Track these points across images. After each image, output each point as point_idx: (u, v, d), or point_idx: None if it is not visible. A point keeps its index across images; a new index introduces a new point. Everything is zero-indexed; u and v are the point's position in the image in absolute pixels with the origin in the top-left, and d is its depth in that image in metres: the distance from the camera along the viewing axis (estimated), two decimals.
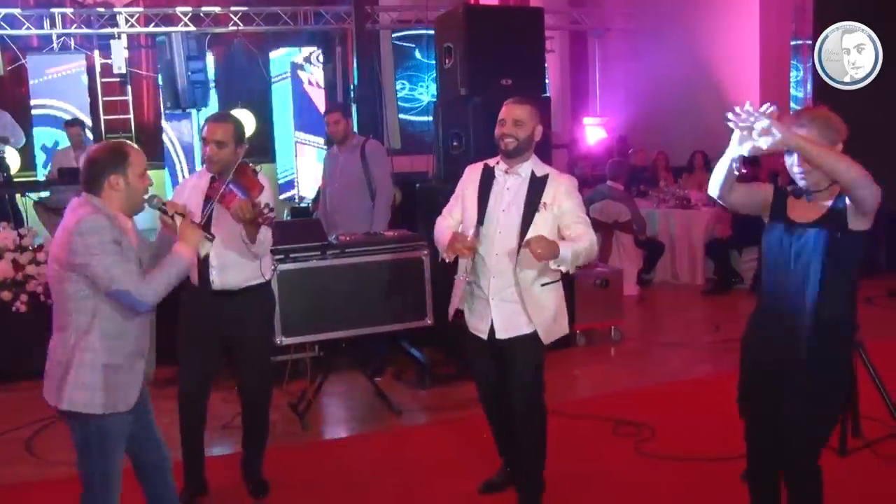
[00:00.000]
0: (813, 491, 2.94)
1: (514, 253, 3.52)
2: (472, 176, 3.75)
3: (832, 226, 2.79)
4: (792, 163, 2.82)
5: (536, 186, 3.58)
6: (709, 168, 9.35)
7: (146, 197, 2.92)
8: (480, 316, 3.68)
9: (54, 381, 2.87)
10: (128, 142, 3.13)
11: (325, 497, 4.03)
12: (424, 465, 4.40)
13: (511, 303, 3.59)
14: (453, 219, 3.77)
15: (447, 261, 3.55)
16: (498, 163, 3.68)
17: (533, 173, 3.61)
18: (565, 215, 3.54)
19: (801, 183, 2.84)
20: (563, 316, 3.70)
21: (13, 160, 9.76)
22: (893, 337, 6.37)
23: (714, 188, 2.92)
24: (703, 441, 4.39)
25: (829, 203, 2.81)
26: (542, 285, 3.59)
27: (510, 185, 3.62)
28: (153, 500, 3.20)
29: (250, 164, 3.76)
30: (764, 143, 2.63)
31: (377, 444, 4.75)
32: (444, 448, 4.63)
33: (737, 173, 2.82)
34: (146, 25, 10.89)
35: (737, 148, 2.71)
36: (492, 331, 3.63)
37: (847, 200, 2.75)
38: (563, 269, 3.41)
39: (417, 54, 12.43)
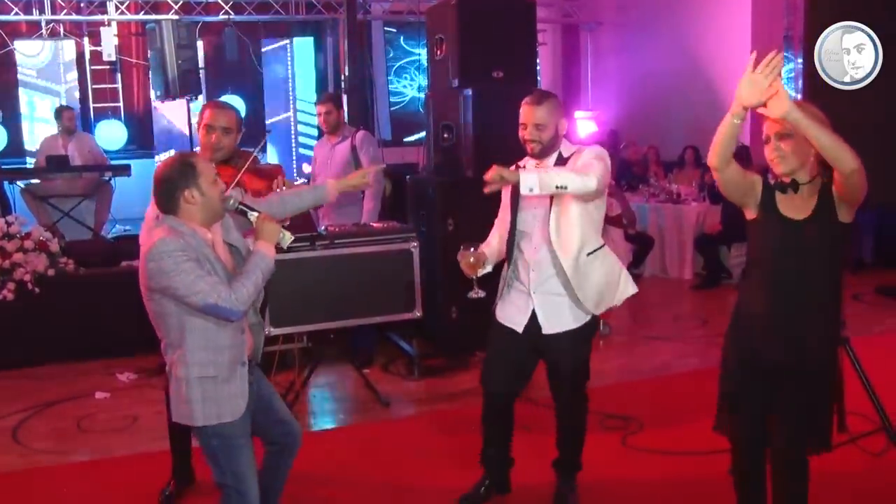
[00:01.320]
0: (799, 483, 2.95)
1: (562, 250, 3.47)
2: None
3: (823, 220, 2.79)
4: (769, 151, 2.82)
5: (562, 165, 3.50)
6: (700, 164, 9.40)
7: (223, 202, 2.87)
8: (518, 308, 3.60)
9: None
10: (190, 152, 3.08)
11: (312, 488, 4.02)
12: (412, 456, 4.40)
13: (554, 295, 3.53)
14: (496, 235, 3.72)
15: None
16: (529, 156, 3.60)
17: (560, 155, 3.54)
18: (581, 160, 3.42)
19: (777, 170, 2.83)
20: (615, 285, 3.64)
21: None
22: (880, 333, 6.42)
23: (714, 156, 2.79)
24: (690, 435, 4.40)
25: (816, 197, 2.81)
26: (588, 254, 3.50)
27: None
28: (269, 472, 3.22)
29: (254, 153, 3.77)
30: (764, 104, 2.54)
31: (365, 435, 4.75)
32: (432, 440, 4.64)
33: (737, 127, 2.67)
34: (136, 13, 10.82)
35: (744, 95, 2.57)
36: (532, 325, 3.56)
37: (834, 192, 2.76)
38: (536, 191, 3.22)
39: (402, 41, 12.37)
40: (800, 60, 8.68)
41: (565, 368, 3.60)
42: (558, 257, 3.47)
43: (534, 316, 3.57)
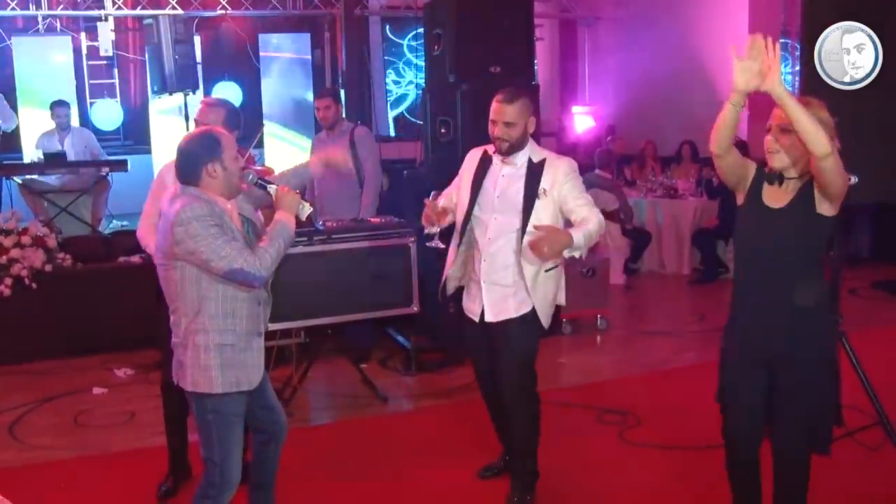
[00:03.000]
0: (800, 479, 2.96)
1: (511, 239, 3.56)
2: (471, 160, 3.80)
3: (798, 211, 2.82)
4: (768, 140, 2.84)
5: (534, 173, 3.58)
6: (697, 159, 9.40)
7: (242, 176, 2.96)
8: (473, 298, 3.73)
9: (177, 363, 2.94)
10: (214, 127, 3.15)
11: (309, 483, 4.03)
12: (409, 451, 4.41)
13: (500, 286, 3.61)
14: (446, 200, 3.80)
15: (427, 234, 3.63)
16: (496, 152, 3.70)
17: (530, 160, 3.61)
18: (566, 199, 3.53)
19: (770, 162, 2.86)
20: (560, 292, 3.72)
21: None
22: (877, 327, 6.43)
23: (715, 143, 2.85)
24: (687, 429, 4.42)
25: (798, 190, 2.84)
26: (546, 271, 3.60)
27: (506, 172, 3.64)
28: (257, 465, 3.27)
29: (249, 150, 3.76)
30: (760, 78, 2.62)
31: (362, 430, 4.75)
32: (429, 435, 4.64)
33: (735, 114, 2.76)
34: (133, 8, 10.78)
35: (737, 85, 2.66)
36: (482, 313, 3.66)
37: (815, 186, 2.78)
38: (577, 255, 3.41)
39: (388, 31, 12.30)
40: (797, 55, 8.67)
41: (506, 357, 3.62)
42: (522, 265, 3.55)
43: (483, 305, 3.67)
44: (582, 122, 12.27)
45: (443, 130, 5.92)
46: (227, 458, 2.96)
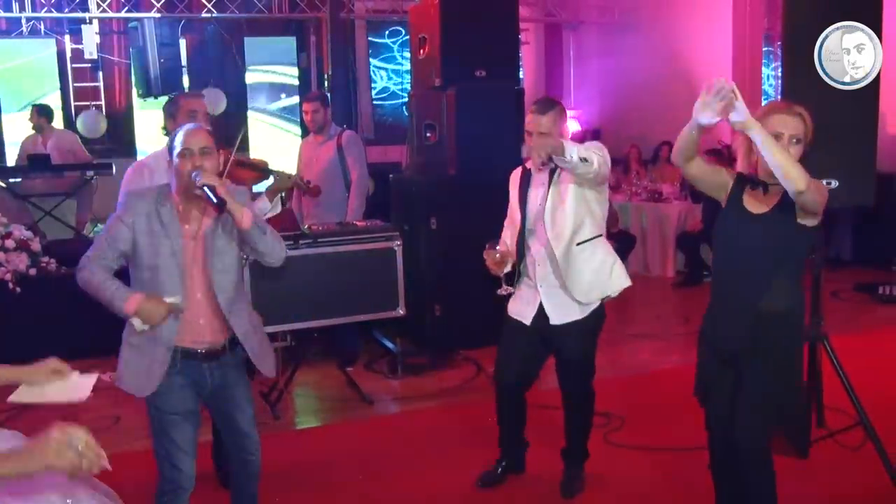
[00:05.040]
0: (758, 479, 2.96)
1: (555, 239, 3.60)
2: (513, 179, 3.87)
3: (779, 218, 2.85)
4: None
5: None
6: None
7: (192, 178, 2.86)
8: (526, 301, 3.75)
9: None
10: (196, 125, 3.09)
11: (296, 486, 4.03)
12: (395, 454, 4.42)
13: (559, 288, 3.66)
14: (507, 235, 3.84)
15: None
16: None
17: None
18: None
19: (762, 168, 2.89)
20: (605, 275, 3.70)
21: None
22: (858, 330, 6.49)
23: (675, 156, 2.94)
24: (672, 431, 4.45)
25: (779, 196, 2.87)
26: (578, 244, 3.62)
27: (544, 178, 3.70)
28: (232, 489, 3.26)
29: (231, 151, 3.75)
30: (722, 115, 2.62)
31: (348, 433, 4.76)
32: (416, 438, 4.65)
33: (695, 136, 2.80)
34: (118, 10, 10.74)
35: (699, 115, 2.68)
36: (540, 317, 3.70)
37: None
38: (575, 157, 3.29)
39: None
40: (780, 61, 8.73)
41: (573, 359, 3.76)
42: (552, 248, 3.59)
43: (542, 308, 3.70)
44: (568, 126, 12.30)
45: (428, 134, 5.94)
46: (166, 458, 2.92)
